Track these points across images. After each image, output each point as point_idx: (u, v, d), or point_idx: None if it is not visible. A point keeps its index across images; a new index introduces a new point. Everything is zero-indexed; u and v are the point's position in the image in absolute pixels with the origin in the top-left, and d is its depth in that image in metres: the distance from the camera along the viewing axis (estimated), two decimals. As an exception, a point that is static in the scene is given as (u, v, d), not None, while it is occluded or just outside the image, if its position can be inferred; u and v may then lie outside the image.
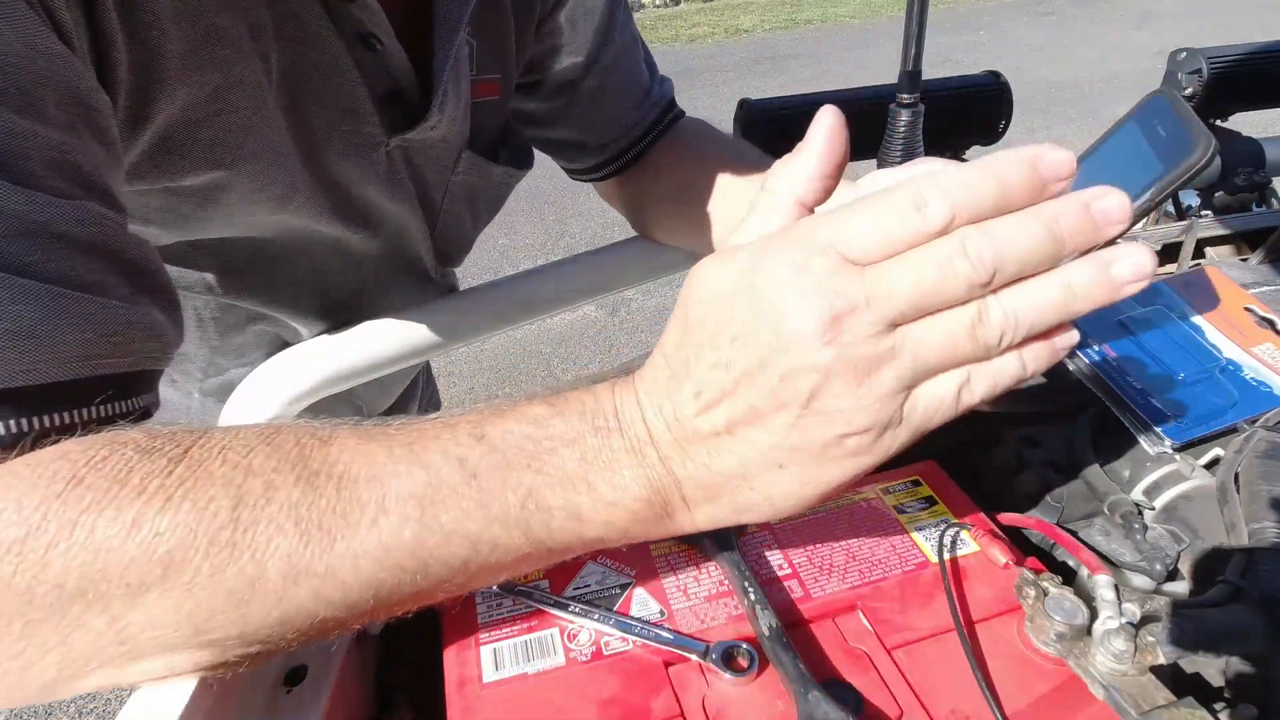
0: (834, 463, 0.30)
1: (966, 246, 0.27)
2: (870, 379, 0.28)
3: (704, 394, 0.30)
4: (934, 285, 0.27)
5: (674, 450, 0.31)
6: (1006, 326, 0.28)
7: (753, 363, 0.29)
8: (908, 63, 0.80)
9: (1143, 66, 4.70)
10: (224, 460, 0.30)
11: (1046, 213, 0.27)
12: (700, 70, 5.38)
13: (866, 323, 0.28)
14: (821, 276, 0.28)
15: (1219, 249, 0.83)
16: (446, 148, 0.60)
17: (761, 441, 0.30)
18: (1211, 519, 0.46)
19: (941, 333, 0.28)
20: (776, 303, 0.28)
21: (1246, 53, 0.97)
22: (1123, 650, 0.35)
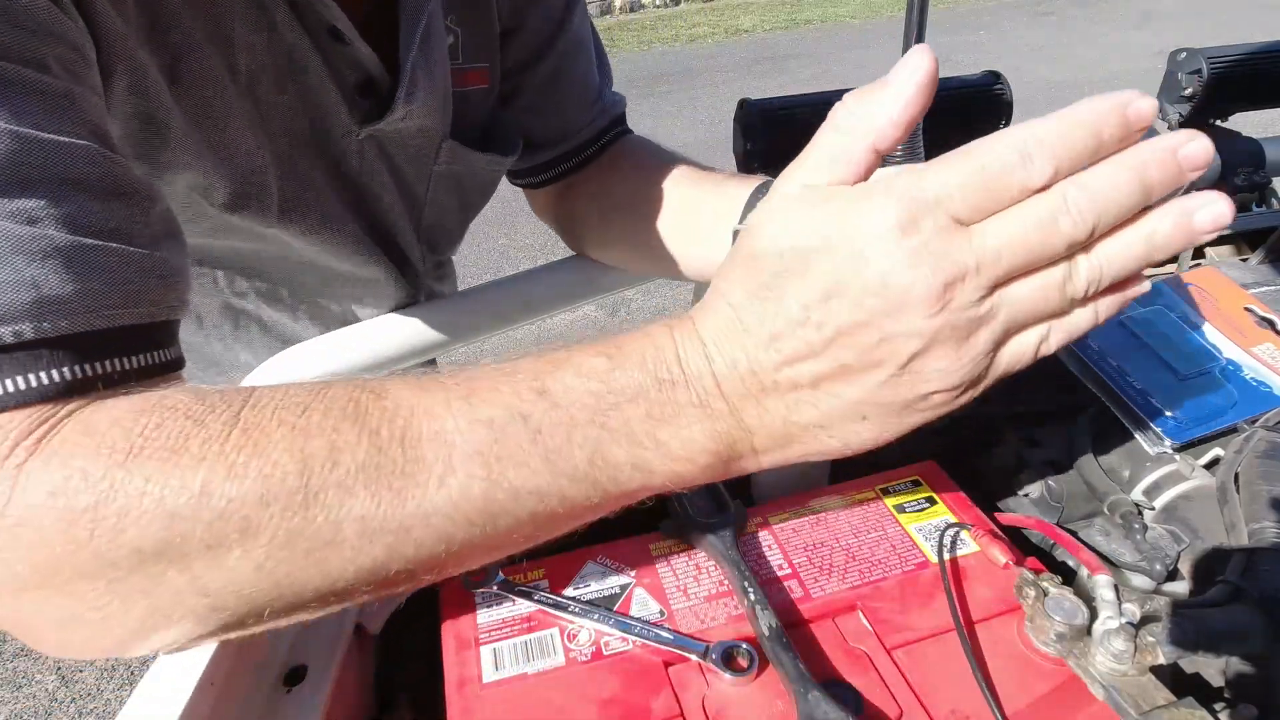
0: (916, 414, 0.31)
1: (1069, 203, 0.27)
2: (968, 341, 0.28)
3: (787, 349, 0.29)
4: (1037, 244, 0.27)
5: (747, 402, 0.31)
6: (1093, 280, 0.28)
7: (850, 322, 0.28)
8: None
9: (1143, 66, 4.70)
10: (280, 421, 0.30)
11: (1137, 162, 0.27)
12: (700, 70, 5.38)
13: (973, 288, 0.27)
14: (931, 238, 0.27)
15: (1219, 249, 0.83)
16: (425, 138, 0.59)
17: (848, 395, 0.30)
18: (1211, 519, 0.46)
19: (1036, 291, 0.28)
20: (883, 264, 0.27)
21: (1246, 53, 0.97)
22: (1123, 650, 0.35)
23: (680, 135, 4.12)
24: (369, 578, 0.31)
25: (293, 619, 0.32)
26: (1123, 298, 0.30)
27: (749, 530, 0.45)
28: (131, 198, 0.34)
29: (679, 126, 4.24)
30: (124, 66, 0.40)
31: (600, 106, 0.70)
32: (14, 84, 0.30)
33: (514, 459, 0.30)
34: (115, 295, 0.31)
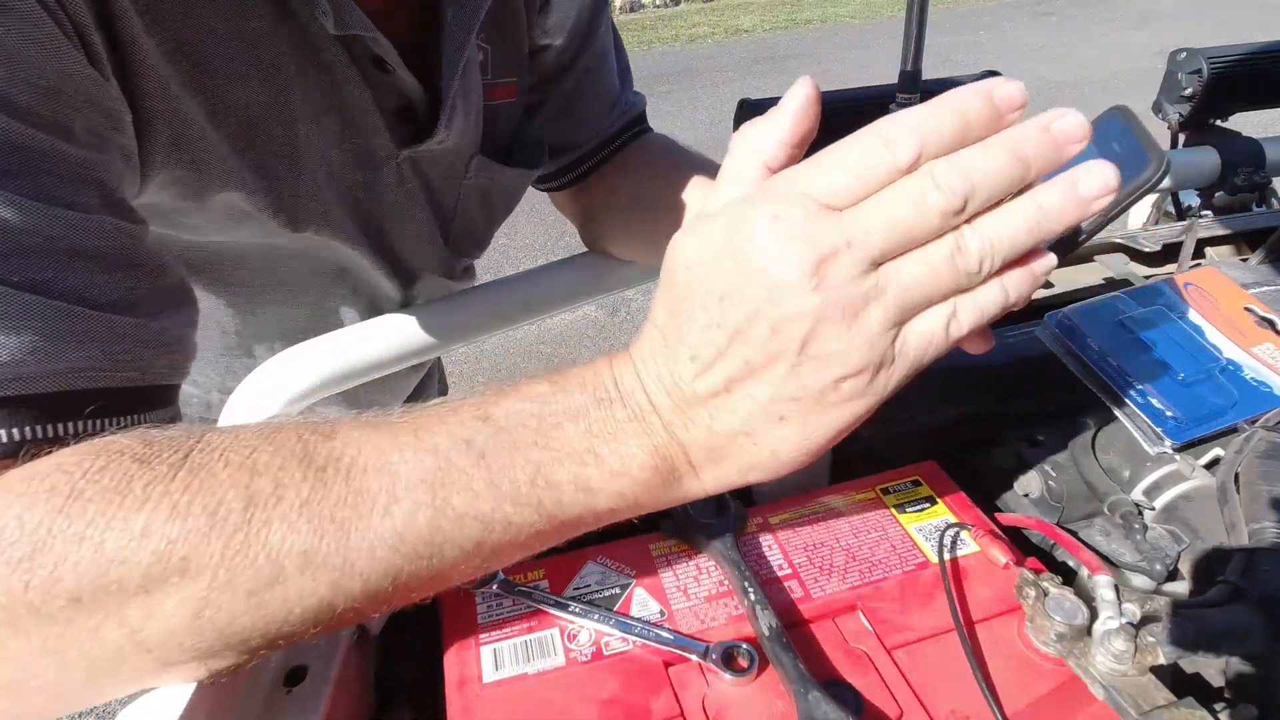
0: (833, 408, 0.30)
1: (936, 178, 0.28)
2: (859, 319, 0.28)
3: (700, 356, 0.30)
4: (910, 220, 0.28)
5: (676, 415, 0.32)
6: (985, 253, 0.29)
7: (742, 318, 0.29)
8: (907, 63, 0.80)
9: (1143, 66, 4.70)
10: (227, 462, 0.30)
11: (1008, 139, 0.28)
12: (700, 70, 5.38)
13: (849, 263, 0.28)
14: (799, 224, 0.28)
15: (1219, 249, 0.83)
16: (457, 155, 0.61)
17: (760, 395, 0.30)
18: (1211, 519, 0.46)
19: (923, 265, 0.29)
20: (758, 256, 0.28)
21: (1246, 53, 0.97)
22: (1123, 650, 0.35)
23: (680, 135, 4.11)
24: (314, 619, 0.31)
25: (244, 664, 0.32)
26: (1030, 272, 0.30)
27: (749, 530, 0.45)
28: (138, 269, 0.35)
29: (679, 126, 4.24)
30: (165, 119, 0.41)
31: (619, 110, 0.71)
32: (36, 152, 0.31)
33: (458, 484, 0.31)
34: (103, 360, 0.33)
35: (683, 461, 0.33)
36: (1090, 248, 0.86)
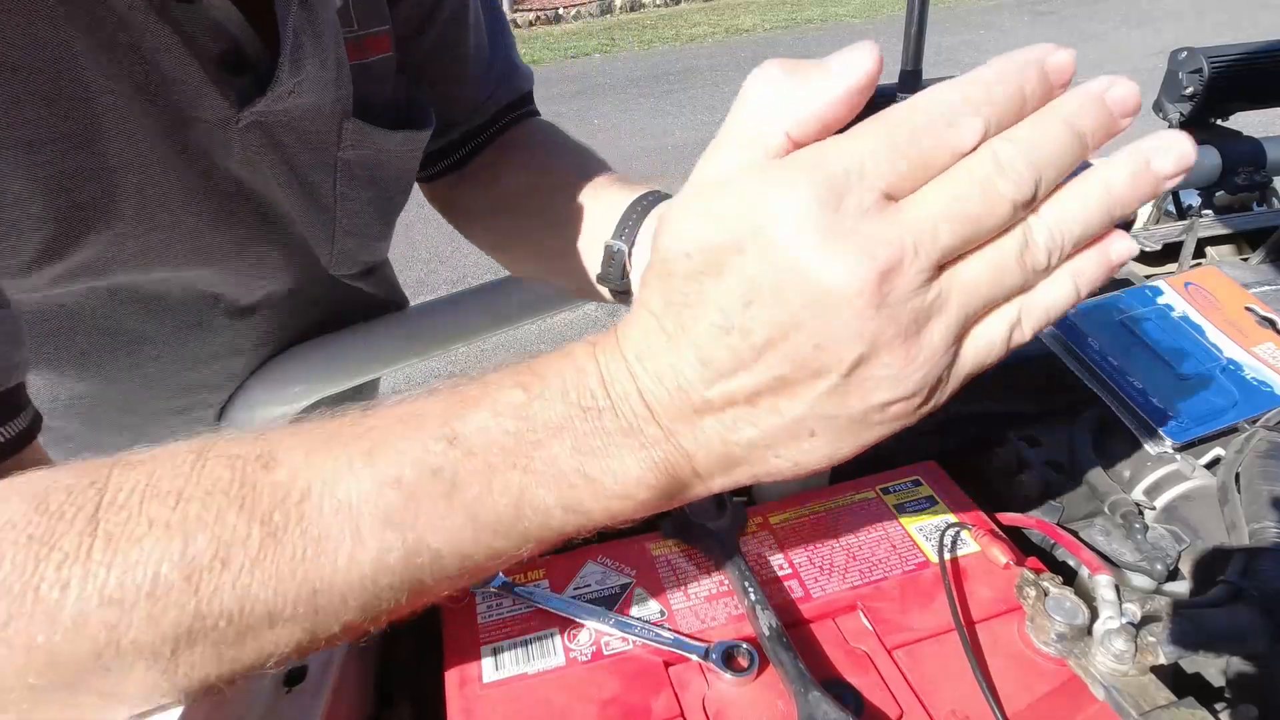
0: (873, 428, 0.27)
1: (1001, 162, 0.23)
2: (919, 339, 0.24)
3: (713, 362, 0.25)
4: (979, 213, 0.24)
5: (680, 424, 0.27)
6: (1053, 245, 0.25)
7: (777, 330, 0.24)
8: (908, 63, 0.80)
9: (1143, 66, 4.70)
10: (150, 522, 0.26)
11: (1066, 112, 0.24)
12: (700, 70, 5.38)
13: (914, 273, 0.23)
14: (857, 220, 0.23)
15: (1220, 248, 0.83)
16: (321, 118, 0.50)
17: (790, 411, 0.26)
18: (1212, 519, 0.46)
19: (990, 267, 0.25)
20: (804, 256, 0.23)
21: (1246, 52, 0.97)
22: (1123, 650, 0.35)
23: (680, 135, 4.12)
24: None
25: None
26: (1105, 259, 0.26)
27: (749, 530, 0.45)
28: None
29: (679, 126, 4.24)
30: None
31: (495, 79, 0.62)
32: None
33: (430, 520, 0.27)
34: None
35: (687, 472, 0.28)
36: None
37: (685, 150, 3.88)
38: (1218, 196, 1.10)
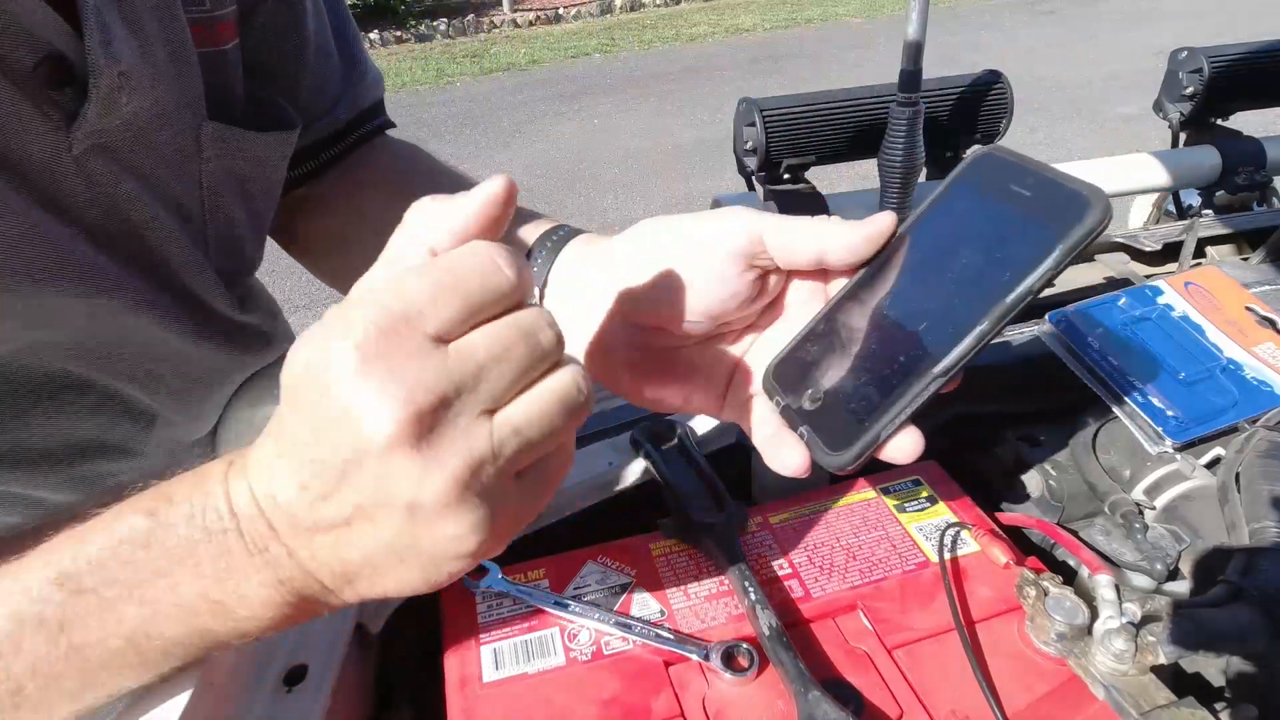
0: (455, 561, 0.26)
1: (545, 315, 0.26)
2: (471, 478, 0.24)
3: (311, 486, 0.25)
4: (526, 359, 0.25)
5: (299, 542, 0.26)
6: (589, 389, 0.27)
7: (343, 464, 0.24)
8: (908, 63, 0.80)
9: (1143, 66, 4.69)
10: None
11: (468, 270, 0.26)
12: (700, 69, 5.38)
13: (456, 415, 0.24)
14: (404, 361, 0.23)
15: (1220, 248, 0.83)
16: (167, 125, 0.41)
17: (377, 538, 0.25)
18: (1212, 519, 0.46)
19: (541, 412, 0.26)
20: (345, 397, 0.23)
21: (1246, 52, 0.97)
22: (1123, 650, 0.35)
23: (680, 135, 4.12)
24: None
25: None
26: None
27: (749, 530, 0.45)
28: None
29: (679, 126, 4.24)
30: None
31: (340, 75, 0.54)
32: None
33: (41, 676, 0.26)
34: None
35: (316, 587, 0.27)
36: (1090, 247, 0.86)
37: (685, 150, 3.88)
38: (1218, 196, 1.10)
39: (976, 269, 0.29)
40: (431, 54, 6.08)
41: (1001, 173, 0.30)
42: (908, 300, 0.30)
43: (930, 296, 0.30)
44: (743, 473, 0.54)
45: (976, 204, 0.30)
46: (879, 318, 0.31)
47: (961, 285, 0.29)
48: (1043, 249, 0.27)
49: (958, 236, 0.30)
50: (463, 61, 5.83)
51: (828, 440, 0.30)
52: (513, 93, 5.05)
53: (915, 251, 0.31)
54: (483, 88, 5.22)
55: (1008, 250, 0.28)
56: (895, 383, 0.29)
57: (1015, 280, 0.27)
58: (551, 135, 4.15)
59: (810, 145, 0.90)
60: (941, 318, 0.29)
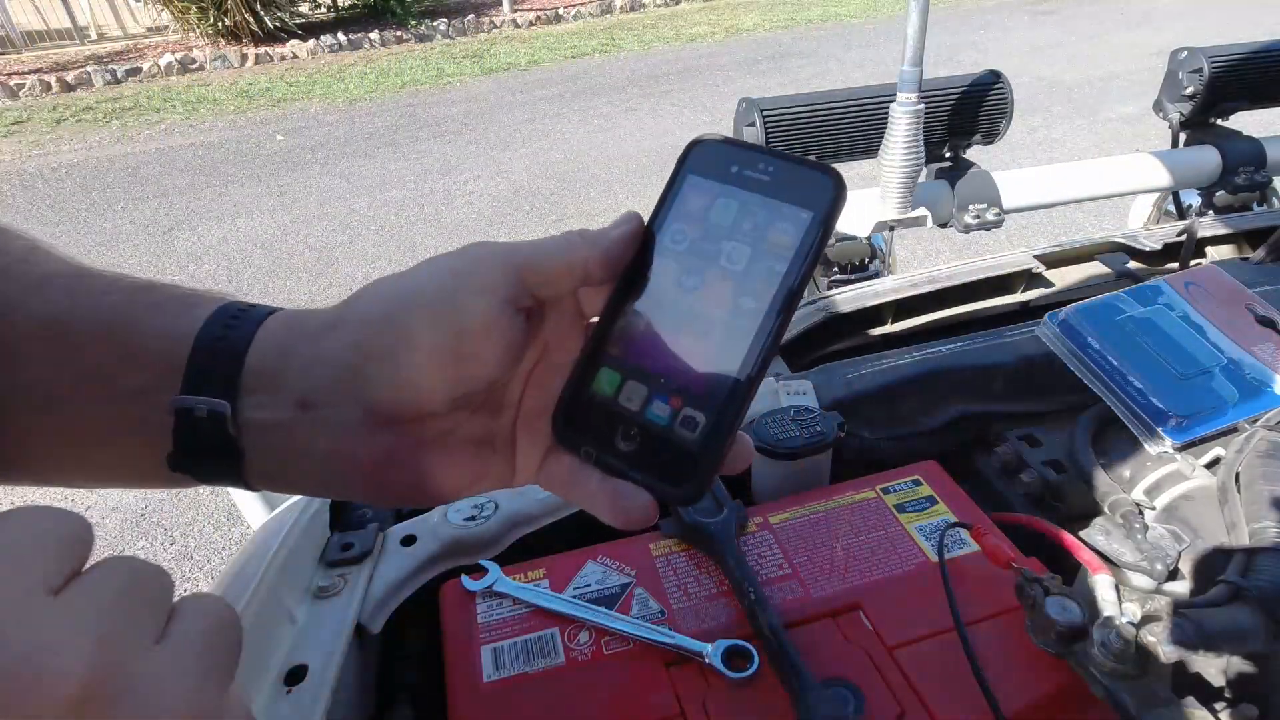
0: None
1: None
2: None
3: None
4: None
5: None
6: None
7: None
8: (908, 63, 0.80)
9: (1143, 66, 4.69)
10: None
11: None
12: (701, 69, 5.37)
13: None
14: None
15: (1220, 248, 0.83)
16: None
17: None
18: (1212, 519, 0.46)
19: None
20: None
21: (1246, 52, 0.96)
22: (1123, 650, 0.35)
23: (680, 135, 4.11)
24: None
25: None
26: None
27: (749, 530, 0.45)
28: None
29: (679, 126, 4.24)
30: None
31: None
32: None
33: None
34: None
35: None
36: (1090, 247, 0.86)
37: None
38: (1218, 196, 1.10)
39: (747, 260, 0.27)
40: (431, 54, 6.08)
41: (729, 158, 0.29)
42: (687, 304, 0.28)
43: (711, 297, 0.28)
44: (742, 473, 0.54)
45: (718, 193, 0.28)
46: (662, 328, 0.28)
47: (739, 280, 0.27)
48: (809, 232, 0.27)
49: (711, 229, 0.28)
50: (463, 61, 5.83)
51: (663, 475, 0.27)
52: (513, 93, 5.05)
53: (672, 251, 0.29)
54: (483, 88, 5.22)
55: (773, 237, 0.27)
56: (712, 396, 0.27)
57: (795, 266, 0.27)
58: (551, 135, 4.15)
59: (810, 145, 0.90)
60: (732, 317, 0.27)
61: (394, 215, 3.28)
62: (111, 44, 6.25)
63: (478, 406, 0.30)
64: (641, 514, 0.28)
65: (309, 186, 3.70)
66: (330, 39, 6.16)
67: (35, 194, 3.78)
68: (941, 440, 0.57)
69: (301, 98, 5.13)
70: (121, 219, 3.46)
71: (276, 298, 2.72)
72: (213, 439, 0.28)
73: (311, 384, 0.28)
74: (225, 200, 3.60)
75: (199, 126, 4.68)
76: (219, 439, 0.28)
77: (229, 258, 3.04)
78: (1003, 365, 0.59)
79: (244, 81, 5.47)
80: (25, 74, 5.41)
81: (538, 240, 0.29)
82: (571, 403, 0.29)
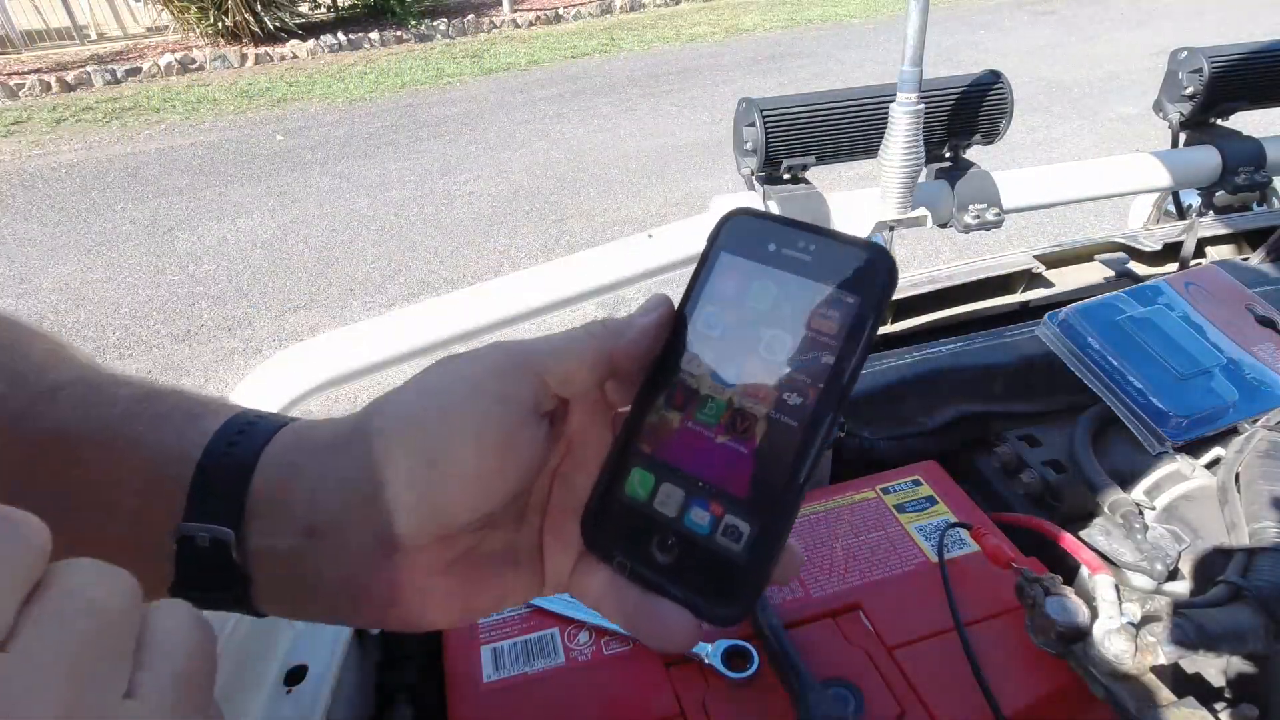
0: None
1: None
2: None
3: None
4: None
5: None
6: None
7: None
8: (907, 63, 0.80)
9: (1143, 66, 4.69)
10: None
11: None
12: (700, 70, 5.37)
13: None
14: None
15: (1220, 248, 0.83)
16: None
17: None
18: (1212, 519, 0.46)
19: None
20: None
21: (1246, 53, 0.96)
22: (1123, 650, 0.35)
23: (680, 135, 4.11)
24: None
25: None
26: None
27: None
28: None
29: (679, 126, 4.24)
30: None
31: None
32: None
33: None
34: None
35: None
36: (1090, 247, 0.86)
37: (685, 150, 3.87)
38: (1218, 196, 1.10)
39: (789, 350, 0.25)
40: (431, 54, 6.08)
41: (767, 235, 0.26)
42: (726, 399, 0.25)
43: (752, 392, 0.25)
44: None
45: (755, 273, 0.26)
46: (700, 426, 0.26)
47: (784, 373, 0.25)
48: (859, 319, 0.24)
49: (749, 314, 0.26)
50: (463, 62, 5.83)
51: (704, 591, 0.25)
52: (512, 93, 5.05)
53: (707, 338, 0.26)
54: (483, 88, 5.22)
55: (820, 324, 0.25)
56: (758, 503, 0.25)
57: (845, 358, 0.24)
58: (551, 135, 4.15)
59: (810, 145, 0.90)
60: (778, 415, 0.25)
61: (394, 215, 3.28)
62: (111, 44, 6.25)
63: (499, 520, 0.27)
64: (684, 637, 0.26)
65: (309, 186, 3.70)
66: (330, 39, 6.16)
67: (35, 194, 3.78)
68: (941, 440, 0.57)
69: (301, 98, 5.13)
70: (121, 219, 3.46)
71: (276, 298, 2.72)
72: (217, 568, 0.26)
73: (319, 511, 0.26)
74: (225, 200, 3.60)
75: (199, 126, 4.68)
76: (223, 567, 0.26)
77: (229, 258, 3.04)
78: (1003, 365, 0.59)
79: (244, 81, 5.47)
80: (25, 74, 5.41)
81: (556, 337, 0.27)
82: (602, 505, 0.26)
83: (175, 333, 2.56)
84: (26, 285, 2.94)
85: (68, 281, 2.95)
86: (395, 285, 2.70)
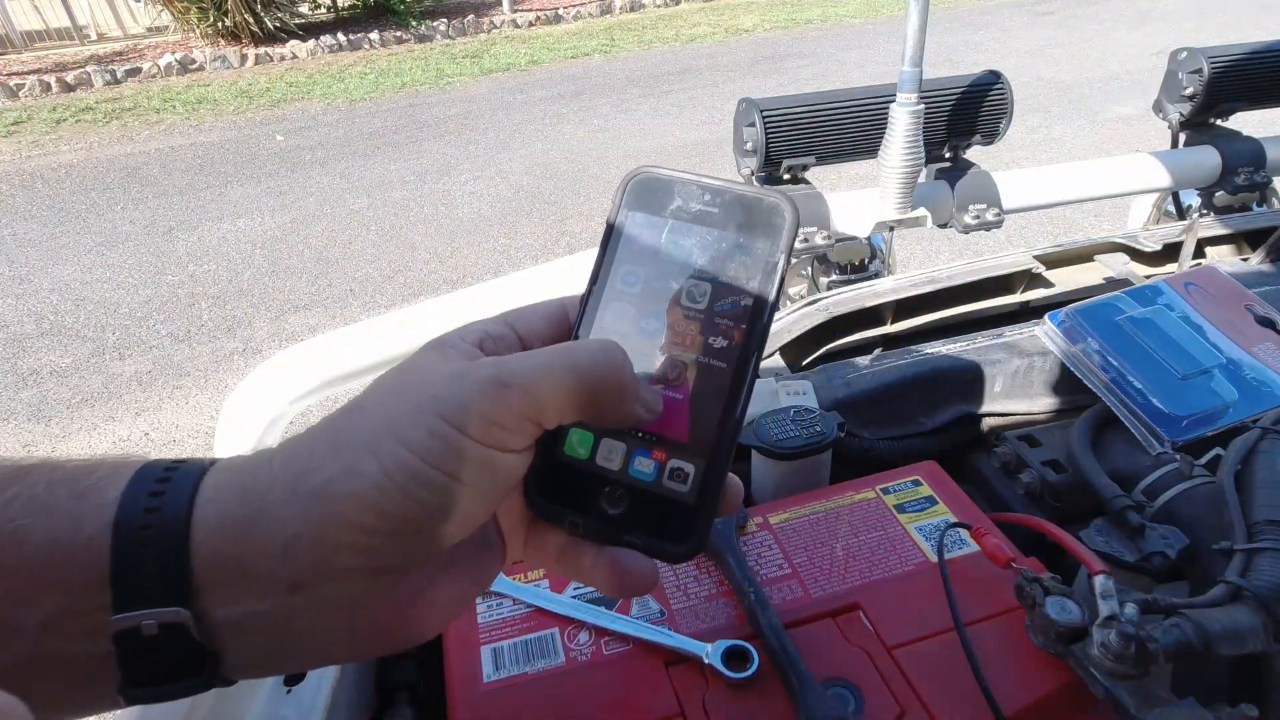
0: None
1: None
2: None
3: None
4: None
5: None
6: None
7: None
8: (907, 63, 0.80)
9: (1143, 66, 4.70)
10: None
11: None
12: (700, 70, 5.38)
13: None
14: None
15: (1219, 248, 0.83)
16: None
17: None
18: (1212, 519, 0.46)
19: None
20: None
21: (1246, 53, 0.96)
22: (1123, 650, 0.35)
23: (680, 135, 4.11)
24: None
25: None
26: None
27: (749, 530, 0.45)
28: None
29: (679, 126, 4.24)
30: None
31: None
32: None
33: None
34: None
35: None
36: (1090, 247, 0.86)
37: (685, 150, 3.88)
38: (1217, 197, 1.10)
39: (708, 297, 0.26)
40: (431, 54, 6.08)
41: (672, 191, 0.27)
42: (652, 349, 0.26)
43: (677, 340, 0.26)
44: (742, 473, 0.54)
45: (665, 228, 0.27)
46: None
47: (705, 319, 0.26)
48: (770, 261, 0.26)
49: (665, 267, 0.27)
50: (463, 62, 5.83)
51: (659, 533, 0.26)
52: (513, 93, 5.05)
53: (627, 294, 0.27)
54: (483, 88, 5.22)
55: (736, 271, 0.26)
56: (698, 443, 0.26)
57: (763, 299, 0.25)
58: (551, 135, 4.15)
59: (810, 145, 0.90)
60: (705, 358, 0.26)
61: (394, 215, 3.28)
62: (111, 44, 6.25)
63: None
64: (644, 580, 0.26)
65: (309, 186, 3.70)
66: (330, 39, 6.16)
67: (35, 194, 3.78)
68: (941, 440, 0.57)
69: (301, 98, 5.13)
70: (121, 219, 3.46)
71: (276, 298, 2.72)
72: (175, 655, 0.22)
73: (297, 563, 0.22)
74: (225, 200, 3.60)
75: (199, 127, 4.68)
76: (184, 650, 0.22)
77: (229, 258, 3.04)
78: (1003, 365, 0.59)
79: (244, 82, 5.47)
80: (25, 74, 5.41)
81: (511, 356, 0.26)
82: (543, 471, 0.26)
83: (175, 333, 2.56)
84: (26, 286, 2.94)
85: (67, 282, 2.95)
86: (395, 285, 2.70)
